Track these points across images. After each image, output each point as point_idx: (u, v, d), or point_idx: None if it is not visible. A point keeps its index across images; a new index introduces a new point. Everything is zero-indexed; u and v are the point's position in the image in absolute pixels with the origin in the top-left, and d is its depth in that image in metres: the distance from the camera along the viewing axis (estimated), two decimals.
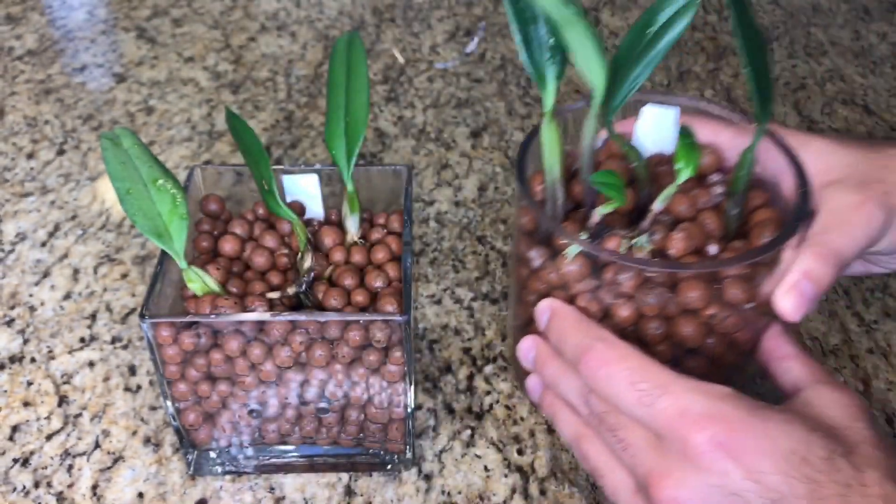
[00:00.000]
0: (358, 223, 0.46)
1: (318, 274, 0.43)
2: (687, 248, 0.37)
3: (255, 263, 0.45)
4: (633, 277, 0.35)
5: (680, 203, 0.38)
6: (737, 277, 0.35)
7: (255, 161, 0.43)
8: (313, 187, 0.47)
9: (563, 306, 0.37)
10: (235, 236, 0.46)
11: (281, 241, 0.46)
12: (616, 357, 0.35)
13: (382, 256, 0.45)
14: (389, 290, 0.43)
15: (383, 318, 0.39)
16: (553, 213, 0.39)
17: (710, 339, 0.37)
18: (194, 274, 0.41)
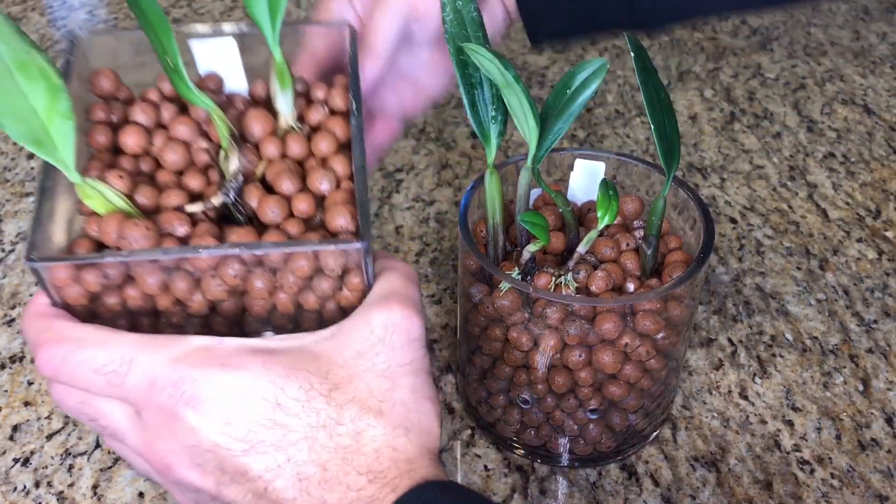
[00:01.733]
0: (292, 102, 0.38)
1: (247, 173, 0.36)
2: (607, 285, 0.41)
3: (168, 161, 0.36)
4: (558, 311, 0.39)
5: (604, 245, 0.43)
6: (648, 311, 0.40)
7: (153, 28, 0.34)
8: (231, 55, 0.40)
9: (32, 303, 0.34)
10: (138, 127, 0.37)
11: (198, 129, 0.38)
12: (71, 348, 0.32)
13: (327, 148, 0.37)
14: (339, 194, 0.36)
15: (334, 246, 0.33)
16: (494, 255, 0.44)
17: (627, 366, 0.41)
18: (91, 189, 0.33)
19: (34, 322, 0.33)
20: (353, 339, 0.33)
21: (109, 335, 0.33)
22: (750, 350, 0.53)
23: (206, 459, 0.31)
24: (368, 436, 0.31)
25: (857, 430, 0.49)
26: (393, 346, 0.33)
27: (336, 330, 0.34)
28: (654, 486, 0.46)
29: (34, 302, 0.34)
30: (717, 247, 0.61)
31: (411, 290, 0.35)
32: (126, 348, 0.32)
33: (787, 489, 0.46)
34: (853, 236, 0.62)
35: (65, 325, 0.33)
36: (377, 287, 0.35)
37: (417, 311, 0.34)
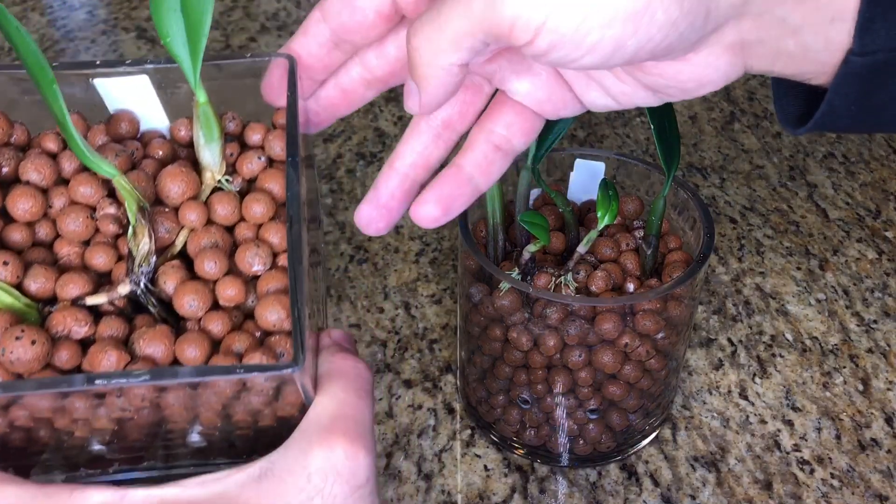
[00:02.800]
0: (219, 154, 0.32)
1: (164, 245, 0.30)
2: (607, 285, 0.41)
3: (68, 232, 0.30)
4: (557, 311, 0.39)
5: (604, 245, 0.43)
6: (648, 311, 0.40)
7: (36, 78, 0.28)
8: (146, 93, 0.34)
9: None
10: (31, 189, 0.31)
11: (103, 189, 0.31)
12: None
13: (261, 211, 0.31)
14: (275, 276, 0.30)
15: (262, 374, 0.26)
16: (494, 255, 0.44)
17: (627, 366, 0.41)
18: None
19: None
20: (285, 484, 0.27)
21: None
22: (750, 350, 0.53)
23: None
24: None
25: (856, 430, 0.49)
26: (334, 498, 0.28)
27: (266, 467, 0.28)
28: (653, 486, 0.46)
29: None
30: (716, 247, 0.61)
31: (360, 407, 0.29)
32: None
33: (786, 489, 0.46)
34: (853, 236, 0.62)
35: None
36: (318, 402, 0.29)
37: (365, 444, 0.28)
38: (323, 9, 0.33)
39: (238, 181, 0.33)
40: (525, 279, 0.42)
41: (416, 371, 0.52)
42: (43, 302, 0.30)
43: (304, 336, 0.27)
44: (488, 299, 0.41)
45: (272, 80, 0.34)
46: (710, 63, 0.29)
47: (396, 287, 0.57)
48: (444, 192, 0.33)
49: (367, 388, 0.30)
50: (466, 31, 0.27)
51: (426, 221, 0.33)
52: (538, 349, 0.41)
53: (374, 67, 0.35)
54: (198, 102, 0.31)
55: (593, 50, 0.26)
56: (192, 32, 0.30)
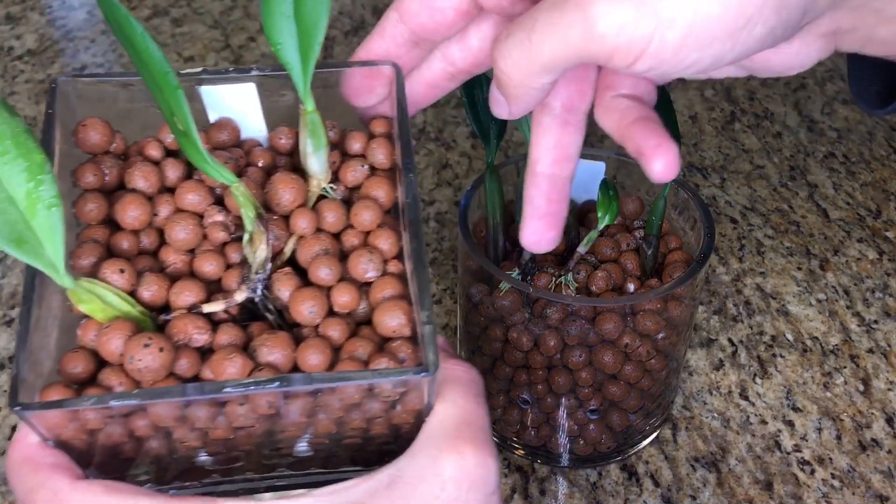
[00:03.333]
0: (326, 162, 0.31)
1: (274, 252, 0.30)
2: (607, 285, 0.41)
3: (176, 240, 0.30)
4: (558, 311, 0.39)
5: (604, 245, 0.43)
6: (648, 311, 0.40)
7: (157, 86, 0.28)
8: (250, 101, 0.33)
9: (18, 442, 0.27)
10: (138, 196, 0.30)
11: (211, 196, 0.31)
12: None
13: (370, 218, 0.31)
14: (389, 282, 0.30)
15: (393, 378, 0.26)
16: (494, 255, 0.43)
17: (628, 367, 0.41)
18: (86, 292, 0.27)
19: (22, 472, 0.27)
20: (418, 493, 0.27)
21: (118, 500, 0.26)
22: (750, 350, 0.53)
23: None
24: None
25: (857, 431, 0.49)
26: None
27: (395, 474, 0.27)
28: (654, 486, 0.46)
29: (21, 442, 0.27)
30: (717, 247, 0.61)
31: (480, 413, 0.29)
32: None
33: (787, 489, 0.46)
34: (854, 236, 0.62)
35: (63, 483, 0.26)
36: (439, 409, 0.29)
37: (491, 451, 0.28)
38: (400, 10, 0.33)
39: (341, 189, 0.32)
40: (525, 279, 0.41)
41: None
42: (156, 310, 0.29)
43: (436, 340, 0.26)
44: (488, 299, 0.41)
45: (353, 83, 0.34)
46: (801, 51, 0.29)
47: None
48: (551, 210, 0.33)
49: (482, 393, 0.30)
50: (561, 58, 0.26)
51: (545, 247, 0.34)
52: (538, 349, 0.41)
53: (457, 60, 0.34)
54: (305, 110, 0.30)
55: (691, 66, 0.26)
56: (305, 39, 0.29)
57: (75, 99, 0.32)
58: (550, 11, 0.26)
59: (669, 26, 0.25)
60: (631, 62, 0.26)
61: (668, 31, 0.25)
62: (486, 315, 0.42)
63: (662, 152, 0.29)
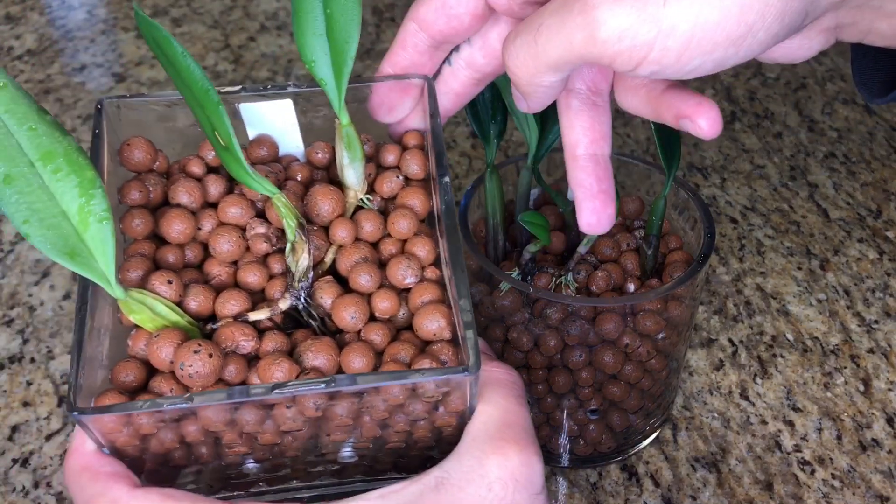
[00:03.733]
0: (363, 173, 0.32)
1: (315, 260, 0.31)
2: (607, 285, 0.41)
3: (220, 252, 0.31)
4: (558, 311, 0.39)
5: (604, 245, 0.43)
6: (649, 311, 0.40)
7: (199, 103, 0.29)
8: (287, 117, 0.34)
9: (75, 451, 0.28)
10: (182, 211, 0.32)
11: (252, 209, 0.32)
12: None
13: (407, 228, 0.32)
14: (427, 288, 0.31)
15: (438, 377, 0.27)
16: (494, 255, 0.43)
17: (628, 367, 0.41)
18: (137, 303, 0.28)
19: (82, 480, 0.28)
20: (465, 494, 0.27)
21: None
22: (750, 350, 0.53)
23: None
24: None
25: (857, 431, 0.49)
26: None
27: (443, 476, 0.28)
28: (654, 486, 0.46)
29: (78, 450, 0.28)
30: (717, 247, 0.61)
31: (523, 413, 0.30)
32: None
33: (787, 490, 0.46)
34: (854, 236, 0.61)
35: (122, 492, 0.27)
36: (482, 410, 0.29)
37: (536, 451, 0.29)
38: (417, 20, 0.33)
39: (377, 200, 0.34)
40: (525, 279, 0.41)
41: None
42: (203, 320, 0.30)
43: (477, 341, 0.27)
44: (488, 299, 0.41)
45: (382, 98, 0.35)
46: (803, 45, 0.30)
47: None
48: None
49: (523, 394, 0.31)
50: (565, 60, 0.27)
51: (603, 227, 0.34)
52: (538, 349, 0.41)
53: (482, 66, 0.35)
54: (341, 124, 0.31)
55: (694, 71, 0.27)
56: (338, 56, 0.30)
57: (118, 119, 0.33)
58: (555, 15, 0.27)
59: (671, 34, 0.25)
60: (633, 67, 0.26)
61: (669, 39, 0.25)
62: (486, 315, 0.42)
63: (705, 110, 0.29)
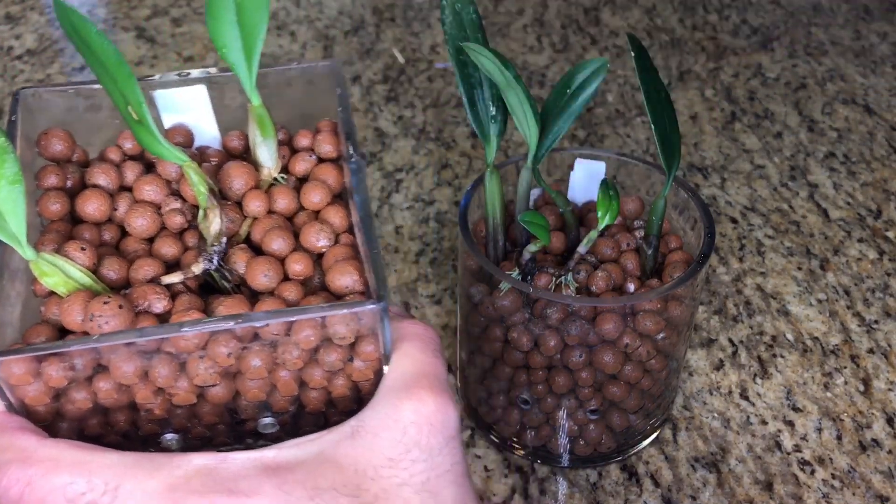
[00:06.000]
0: (275, 150, 0.33)
1: (230, 234, 0.32)
2: (607, 285, 0.41)
3: (135, 228, 0.32)
4: (558, 311, 0.39)
5: (604, 245, 0.43)
6: (649, 311, 0.40)
7: (113, 78, 0.29)
8: (201, 103, 0.35)
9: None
10: (99, 191, 0.32)
11: (168, 188, 0.33)
12: (40, 471, 0.26)
13: (319, 199, 0.33)
14: (339, 249, 0.31)
15: (348, 310, 0.27)
16: (494, 255, 0.43)
17: (628, 367, 0.41)
18: (49, 265, 0.28)
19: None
20: (380, 439, 0.27)
21: (88, 455, 0.27)
22: (750, 350, 0.53)
23: None
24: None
25: (857, 431, 0.49)
26: (430, 449, 0.28)
27: (357, 425, 0.28)
28: (654, 486, 0.46)
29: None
30: (717, 247, 0.61)
31: (438, 365, 0.30)
32: (110, 472, 0.26)
33: (787, 490, 0.46)
34: (854, 236, 0.61)
35: (31, 442, 0.27)
36: (397, 363, 0.29)
37: (450, 397, 0.29)
38: None
39: (292, 179, 0.34)
40: (525, 279, 0.41)
41: None
42: (117, 289, 0.30)
43: (383, 273, 0.28)
44: (488, 299, 0.41)
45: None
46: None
47: (396, 287, 0.57)
48: None
49: (438, 347, 0.31)
50: None
51: None
52: (538, 349, 0.41)
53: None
54: (253, 105, 0.32)
55: None
56: (248, 41, 0.31)
57: (38, 110, 0.34)
58: None
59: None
60: None
61: None
62: (486, 315, 0.42)
63: None
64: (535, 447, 0.46)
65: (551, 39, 0.86)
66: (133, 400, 0.29)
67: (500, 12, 0.91)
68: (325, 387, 0.30)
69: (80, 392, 0.28)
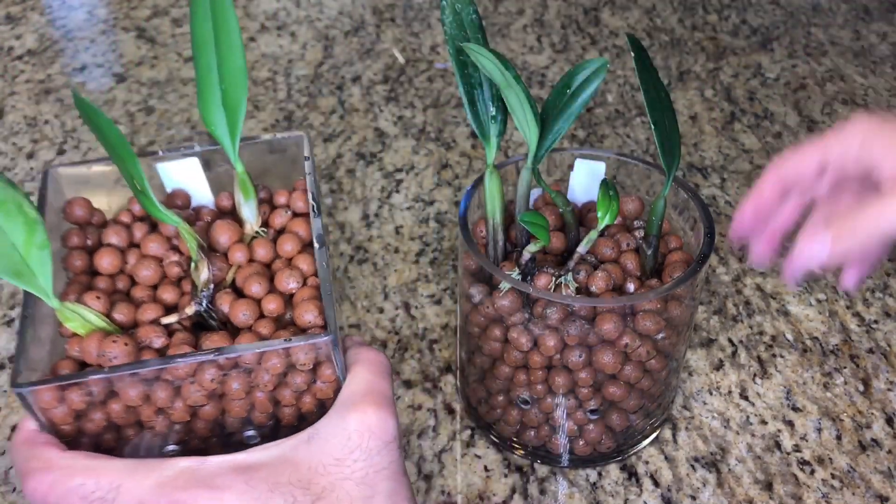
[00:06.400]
0: (255, 209, 0.41)
1: (218, 280, 0.39)
2: (607, 285, 0.41)
3: (142, 277, 0.39)
4: (558, 311, 0.39)
5: (604, 245, 0.43)
6: (648, 311, 0.40)
7: (120, 157, 0.36)
8: (195, 172, 0.43)
9: (20, 429, 0.36)
10: (112, 249, 0.40)
11: (168, 244, 0.40)
12: (60, 476, 0.33)
13: (291, 248, 0.40)
14: (307, 291, 0.38)
15: (303, 342, 0.34)
16: (494, 255, 0.44)
17: (627, 367, 0.41)
18: (71, 312, 0.35)
19: (22, 450, 0.34)
20: (329, 444, 0.34)
21: (97, 462, 0.34)
22: (750, 350, 0.53)
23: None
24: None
25: (857, 431, 0.49)
26: (370, 451, 0.34)
27: (313, 432, 0.34)
28: (654, 486, 0.46)
29: (21, 428, 0.35)
30: (717, 247, 0.61)
31: (383, 385, 0.36)
32: (114, 475, 0.33)
33: (787, 489, 0.46)
34: None
35: (53, 453, 0.34)
36: (349, 382, 0.36)
37: (391, 411, 0.35)
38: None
39: (271, 232, 0.41)
40: (525, 279, 0.41)
41: (416, 371, 0.52)
42: (127, 329, 0.37)
43: (333, 311, 0.35)
44: (488, 299, 0.41)
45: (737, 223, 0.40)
46: None
47: (396, 287, 0.57)
48: None
49: (386, 370, 0.37)
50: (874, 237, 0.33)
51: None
52: (538, 349, 0.41)
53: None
54: (237, 172, 0.39)
55: None
56: (231, 120, 0.38)
57: (63, 182, 0.42)
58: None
59: None
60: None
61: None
62: (486, 315, 0.42)
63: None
64: (535, 447, 0.46)
65: (551, 39, 0.86)
66: (139, 419, 0.36)
67: (500, 12, 0.91)
68: (295, 404, 0.37)
69: (96, 413, 0.35)
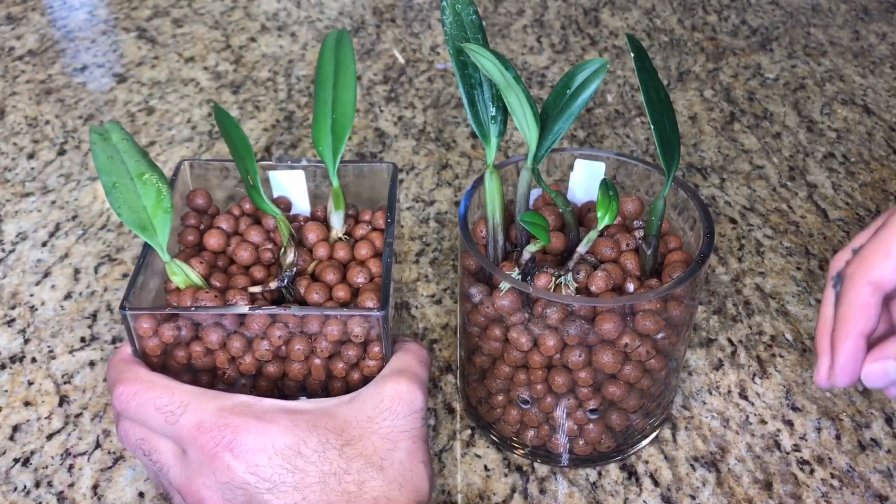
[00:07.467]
0: (343, 219, 0.46)
1: (301, 269, 0.44)
2: (607, 285, 0.41)
3: (239, 258, 0.45)
4: (557, 311, 0.39)
5: (604, 245, 0.43)
6: (648, 311, 0.40)
7: (241, 156, 0.44)
8: (299, 183, 0.48)
9: (119, 351, 0.43)
10: (220, 231, 0.46)
11: (266, 236, 0.47)
12: (142, 387, 0.39)
13: (366, 253, 0.45)
14: (371, 285, 0.43)
15: (361, 313, 0.40)
16: (494, 255, 0.44)
17: (627, 366, 0.41)
18: (177, 267, 0.42)
19: (118, 365, 0.41)
20: (366, 405, 0.39)
21: (174, 383, 0.40)
22: (750, 350, 0.53)
23: (236, 495, 0.36)
24: (369, 486, 0.37)
25: (856, 430, 0.49)
26: (397, 414, 0.39)
27: (354, 395, 0.40)
28: (653, 486, 0.46)
29: (120, 350, 0.42)
30: (716, 247, 0.61)
31: (420, 369, 0.42)
32: (185, 394, 0.39)
33: (786, 489, 0.46)
34: (853, 236, 0.62)
35: (141, 370, 0.40)
36: (392, 362, 0.42)
37: (422, 387, 0.41)
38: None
39: (352, 240, 0.47)
40: (525, 279, 0.42)
41: None
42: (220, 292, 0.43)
43: (389, 299, 0.40)
44: (488, 299, 0.41)
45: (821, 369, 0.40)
46: None
47: (397, 287, 0.57)
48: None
49: (425, 360, 0.43)
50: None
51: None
52: (538, 349, 0.41)
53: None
54: (333, 186, 0.45)
55: None
56: (336, 143, 0.45)
57: (188, 175, 0.49)
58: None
59: None
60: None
61: None
62: (485, 315, 0.42)
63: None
64: (535, 447, 0.46)
65: (551, 40, 0.86)
66: (214, 364, 0.42)
67: (500, 13, 0.91)
68: (345, 377, 0.43)
69: (180, 351, 0.41)
